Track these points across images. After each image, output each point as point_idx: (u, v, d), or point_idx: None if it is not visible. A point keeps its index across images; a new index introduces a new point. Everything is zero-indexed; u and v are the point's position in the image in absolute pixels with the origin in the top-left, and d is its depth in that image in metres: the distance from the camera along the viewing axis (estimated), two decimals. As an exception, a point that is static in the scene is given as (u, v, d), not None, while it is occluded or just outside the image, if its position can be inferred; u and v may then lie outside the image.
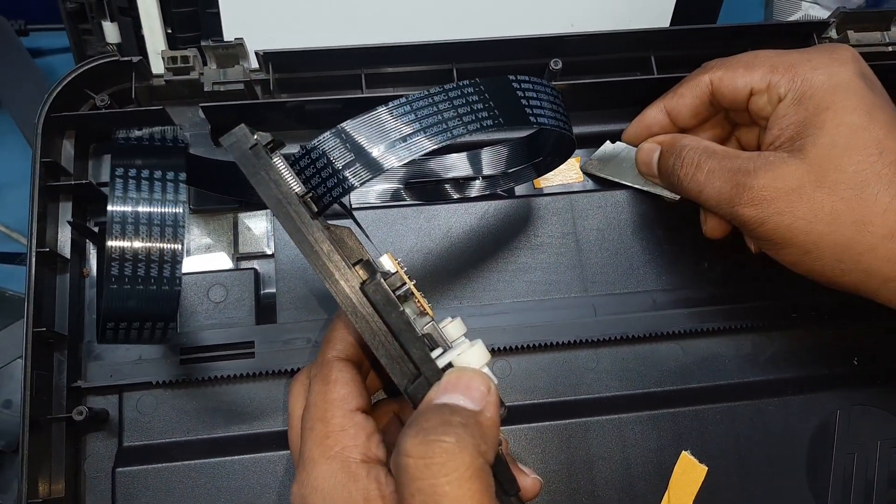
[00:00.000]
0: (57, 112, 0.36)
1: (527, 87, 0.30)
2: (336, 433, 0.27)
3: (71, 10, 0.49)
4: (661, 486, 0.36)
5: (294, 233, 0.27)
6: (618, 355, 0.38)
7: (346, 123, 0.27)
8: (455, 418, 0.24)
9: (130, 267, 0.28)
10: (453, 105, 0.28)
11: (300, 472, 0.27)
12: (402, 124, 0.27)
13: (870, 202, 0.31)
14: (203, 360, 0.36)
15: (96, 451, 0.35)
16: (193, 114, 0.39)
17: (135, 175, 0.29)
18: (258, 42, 0.39)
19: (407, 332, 0.27)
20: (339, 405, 0.28)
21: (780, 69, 0.33)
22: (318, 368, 0.29)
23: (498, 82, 0.29)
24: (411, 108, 0.27)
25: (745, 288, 0.39)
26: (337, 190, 0.27)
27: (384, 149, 0.27)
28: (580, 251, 0.40)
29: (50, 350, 0.35)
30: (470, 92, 0.28)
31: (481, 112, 0.28)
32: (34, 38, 0.60)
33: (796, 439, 0.37)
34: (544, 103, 0.30)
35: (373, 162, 0.26)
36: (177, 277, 0.28)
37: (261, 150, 0.27)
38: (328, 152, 0.27)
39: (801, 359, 0.39)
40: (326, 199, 0.27)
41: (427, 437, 0.24)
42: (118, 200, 0.28)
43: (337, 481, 0.26)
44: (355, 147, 0.27)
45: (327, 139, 0.27)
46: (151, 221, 0.28)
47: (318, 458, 0.27)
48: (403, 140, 0.27)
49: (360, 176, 0.26)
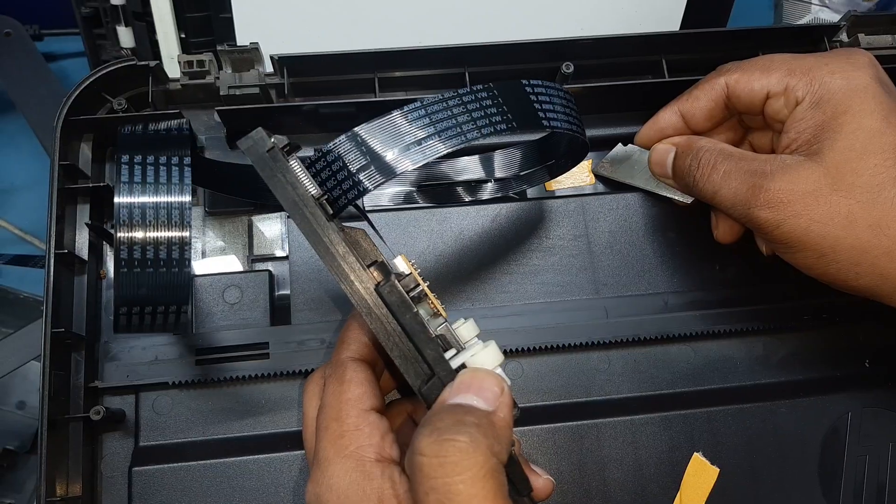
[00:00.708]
0: (75, 115, 0.36)
1: (539, 91, 0.30)
2: (351, 432, 0.27)
3: (86, 14, 0.50)
4: (674, 487, 0.36)
5: (310, 234, 0.27)
6: (629, 357, 0.39)
7: (361, 127, 0.27)
8: (469, 418, 0.25)
9: (139, 250, 0.28)
10: (467, 109, 0.28)
11: (315, 471, 0.28)
12: (417, 128, 0.27)
13: (886, 206, 0.31)
14: (218, 361, 0.36)
15: (113, 450, 0.36)
16: (209, 117, 0.40)
17: (140, 161, 0.30)
18: (271, 46, 0.39)
19: (421, 332, 0.27)
20: (354, 405, 0.28)
21: (798, 73, 0.33)
22: (332, 369, 0.29)
23: (511, 86, 0.29)
24: (426, 112, 0.27)
25: (756, 290, 0.40)
26: (352, 192, 0.27)
27: (398, 152, 0.27)
28: (592, 253, 0.40)
29: (67, 350, 0.35)
30: (484, 96, 0.28)
31: (495, 116, 0.28)
32: (48, 42, 0.60)
33: (808, 441, 0.38)
34: (557, 107, 0.31)
35: (387, 165, 0.27)
36: (186, 259, 0.29)
37: (277, 153, 0.27)
38: (343, 155, 0.27)
39: (812, 361, 0.40)
40: (342, 202, 0.27)
41: (441, 436, 0.24)
42: (125, 186, 0.29)
43: (352, 480, 0.26)
44: (370, 150, 0.27)
45: (343, 142, 0.27)
46: (158, 206, 0.29)
47: (333, 457, 0.27)
48: (418, 143, 0.27)
49: (375, 179, 0.27)
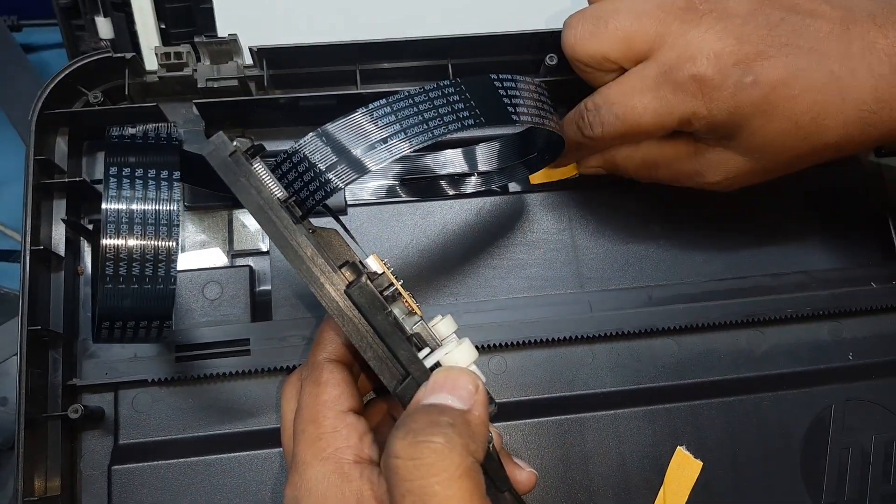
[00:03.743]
0: (50, 109, 0.36)
1: (509, 86, 0.30)
2: (328, 434, 0.27)
3: (64, 5, 0.49)
4: (657, 481, 0.36)
5: (277, 238, 0.27)
6: (613, 351, 0.38)
7: (326, 126, 0.27)
8: (443, 418, 0.24)
9: (125, 266, 0.28)
10: (433, 105, 0.28)
11: (293, 474, 0.27)
12: (383, 126, 0.27)
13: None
14: (198, 358, 0.36)
15: (92, 448, 0.35)
16: (187, 110, 0.39)
17: (128, 174, 0.29)
18: (252, 38, 0.39)
19: (393, 333, 0.27)
20: (331, 406, 0.28)
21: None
22: (308, 371, 0.29)
23: (479, 81, 0.29)
24: (391, 110, 0.27)
25: (739, 283, 0.40)
26: (319, 193, 0.27)
27: (364, 150, 0.26)
28: (576, 247, 0.40)
29: (45, 348, 0.35)
30: (451, 91, 0.28)
31: (462, 112, 0.28)
32: (27, 33, 0.59)
33: (791, 434, 0.38)
34: (528, 101, 0.30)
35: (354, 163, 0.26)
36: (171, 276, 0.28)
37: (240, 156, 0.26)
38: (309, 156, 0.26)
39: (795, 354, 0.40)
40: (310, 203, 0.27)
41: (416, 437, 0.24)
42: (112, 199, 0.28)
43: (330, 483, 0.26)
44: (336, 149, 0.26)
45: (308, 143, 0.27)
46: (146, 220, 0.28)
47: (311, 460, 0.27)
48: (384, 141, 0.27)
49: (343, 178, 0.26)
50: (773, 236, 0.41)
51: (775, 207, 0.42)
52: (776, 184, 0.35)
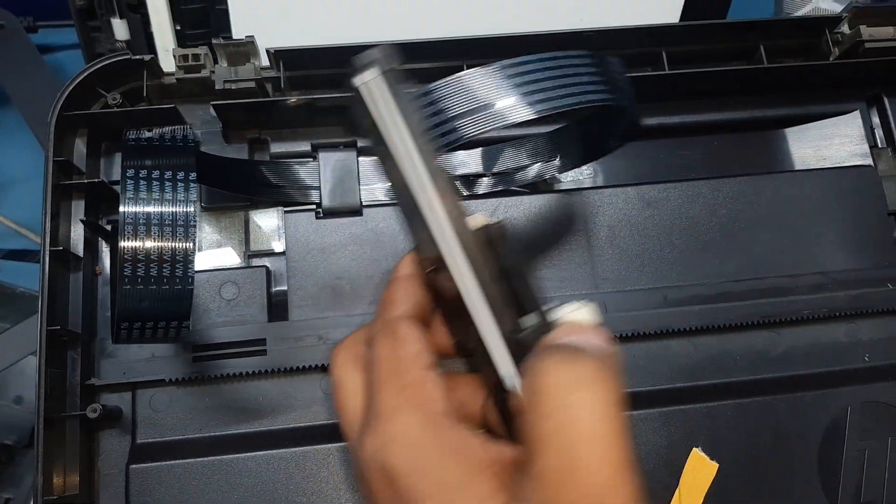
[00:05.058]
0: (69, 111, 0.36)
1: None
2: (415, 385, 0.25)
3: (80, 6, 0.49)
4: (673, 483, 0.36)
5: (424, 165, 0.25)
6: (628, 352, 0.38)
7: (467, 72, 0.26)
8: (587, 351, 0.23)
9: (143, 268, 0.28)
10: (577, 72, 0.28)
11: (373, 424, 0.25)
12: (526, 81, 0.27)
13: None
14: (215, 358, 0.36)
15: (110, 447, 0.36)
16: (204, 112, 0.39)
17: (146, 175, 0.29)
18: (267, 38, 0.39)
19: (522, 275, 0.25)
20: (414, 360, 0.26)
21: None
22: (380, 327, 0.27)
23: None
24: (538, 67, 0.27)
25: (755, 285, 0.39)
26: (449, 137, 0.26)
27: (515, 101, 0.26)
28: (591, 248, 0.40)
29: (63, 348, 0.35)
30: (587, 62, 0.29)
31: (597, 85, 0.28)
32: (43, 34, 0.60)
33: (807, 436, 0.37)
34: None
35: (495, 113, 0.26)
36: (189, 276, 0.29)
37: (394, 76, 0.25)
38: (447, 97, 0.26)
39: (812, 355, 0.39)
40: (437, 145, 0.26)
41: (569, 355, 0.23)
42: (130, 201, 0.28)
43: (424, 430, 0.24)
44: (475, 97, 0.26)
45: (446, 84, 0.26)
46: (163, 222, 0.29)
47: (399, 409, 0.25)
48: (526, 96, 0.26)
49: (479, 126, 0.26)
50: (789, 237, 0.41)
51: (791, 208, 0.41)
52: (792, 185, 0.35)
